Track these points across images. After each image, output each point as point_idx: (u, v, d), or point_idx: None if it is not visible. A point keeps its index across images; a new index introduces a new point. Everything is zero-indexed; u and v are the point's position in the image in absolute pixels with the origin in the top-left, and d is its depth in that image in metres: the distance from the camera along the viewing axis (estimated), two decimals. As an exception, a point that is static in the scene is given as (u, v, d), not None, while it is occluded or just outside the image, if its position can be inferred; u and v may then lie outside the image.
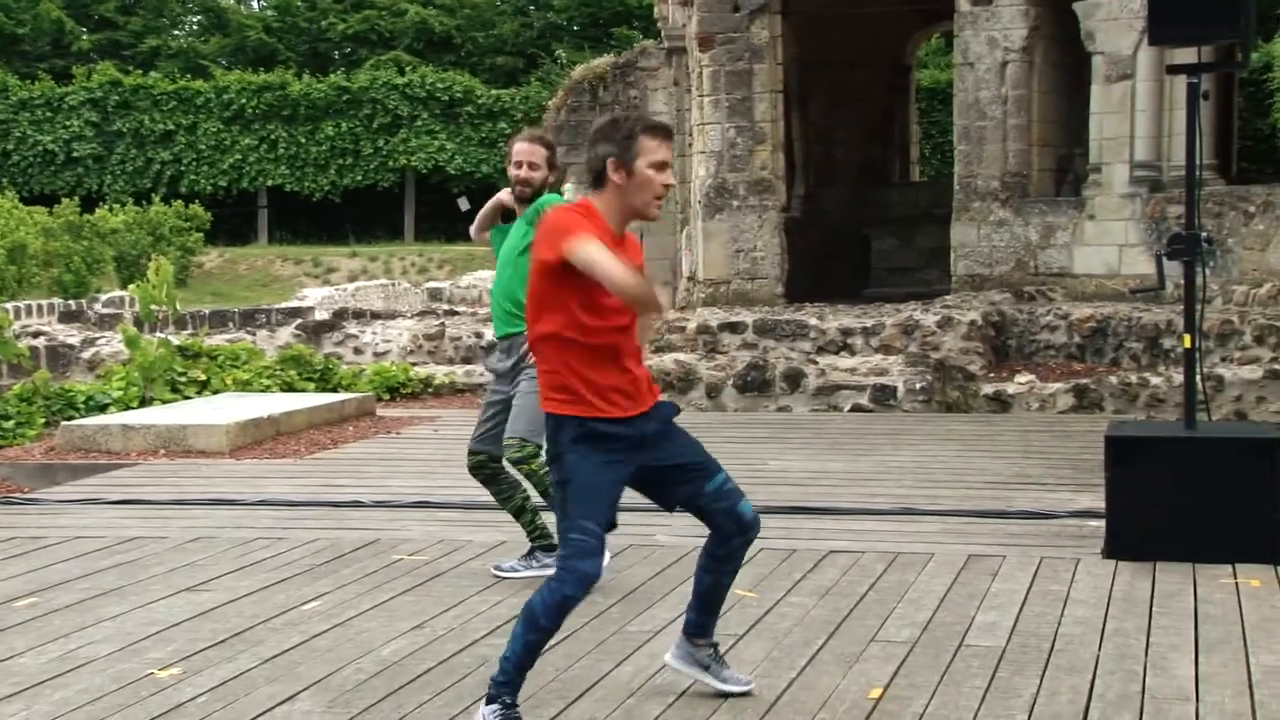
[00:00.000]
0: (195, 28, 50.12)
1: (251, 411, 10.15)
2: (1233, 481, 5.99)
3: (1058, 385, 10.96)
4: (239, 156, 40.97)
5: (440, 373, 12.68)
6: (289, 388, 11.88)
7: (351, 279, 31.92)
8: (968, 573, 5.90)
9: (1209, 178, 14.60)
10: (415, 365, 13.00)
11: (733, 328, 12.76)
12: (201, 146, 40.96)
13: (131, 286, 14.14)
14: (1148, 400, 10.48)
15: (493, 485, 6.12)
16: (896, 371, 11.09)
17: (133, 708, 4.43)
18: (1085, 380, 10.98)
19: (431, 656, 4.91)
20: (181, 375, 11.58)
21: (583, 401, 4.08)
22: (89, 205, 34.84)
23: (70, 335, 14.47)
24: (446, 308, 18.32)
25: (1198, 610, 5.30)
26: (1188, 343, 6.28)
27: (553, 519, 5.49)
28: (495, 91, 41.67)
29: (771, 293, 15.83)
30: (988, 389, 11.04)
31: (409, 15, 45.85)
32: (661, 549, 6.29)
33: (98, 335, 14.46)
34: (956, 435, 9.68)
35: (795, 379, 11.15)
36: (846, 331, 12.55)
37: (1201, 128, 6.23)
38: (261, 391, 11.66)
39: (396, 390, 12.33)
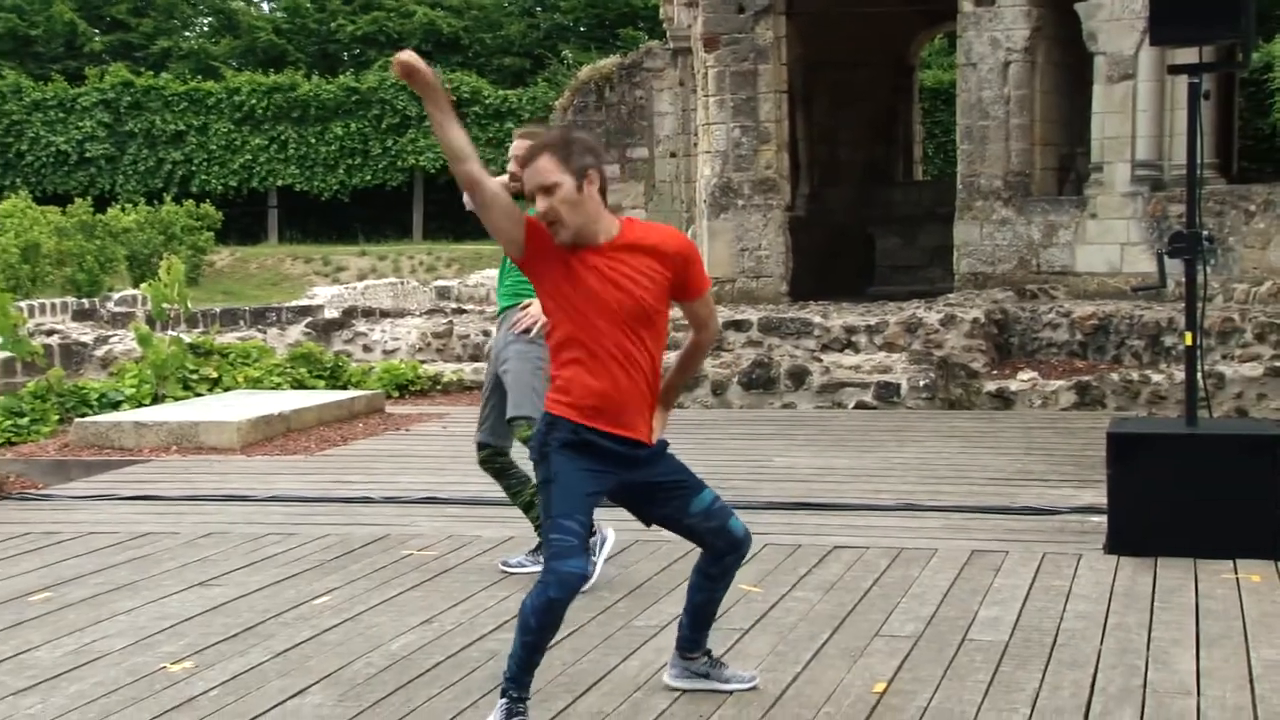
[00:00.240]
0: (206, 29, 50.16)
1: (262, 409, 10.16)
2: (1233, 478, 5.98)
3: (1060, 382, 10.94)
4: (249, 156, 41.01)
5: (448, 370, 12.69)
6: (299, 385, 11.90)
7: (361, 277, 31.91)
8: (971, 568, 5.90)
9: (1210, 177, 14.58)
10: (424, 363, 13.00)
11: (738, 326, 12.76)
12: (212, 147, 41.00)
13: (144, 285, 14.16)
14: (1149, 397, 10.47)
15: (502, 479, 6.07)
16: (900, 369, 11.08)
17: (146, 701, 4.44)
18: (1087, 378, 10.96)
19: (440, 651, 4.92)
20: (193, 373, 11.60)
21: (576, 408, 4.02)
22: (101, 205, 34.88)
23: (83, 333, 14.49)
24: (454, 306, 18.30)
25: (1199, 605, 5.29)
26: (1189, 340, 6.28)
27: None
28: (503, 92, 41.67)
29: (776, 291, 15.83)
30: (990, 386, 11.04)
31: (417, 16, 45.88)
32: (667, 544, 6.28)
33: (110, 333, 14.48)
34: (959, 432, 9.68)
35: (800, 376, 11.14)
36: (851, 329, 12.54)
37: (1202, 127, 6.22)
38: (272, 389, 11.67)
39: (405, 388, 12.34)
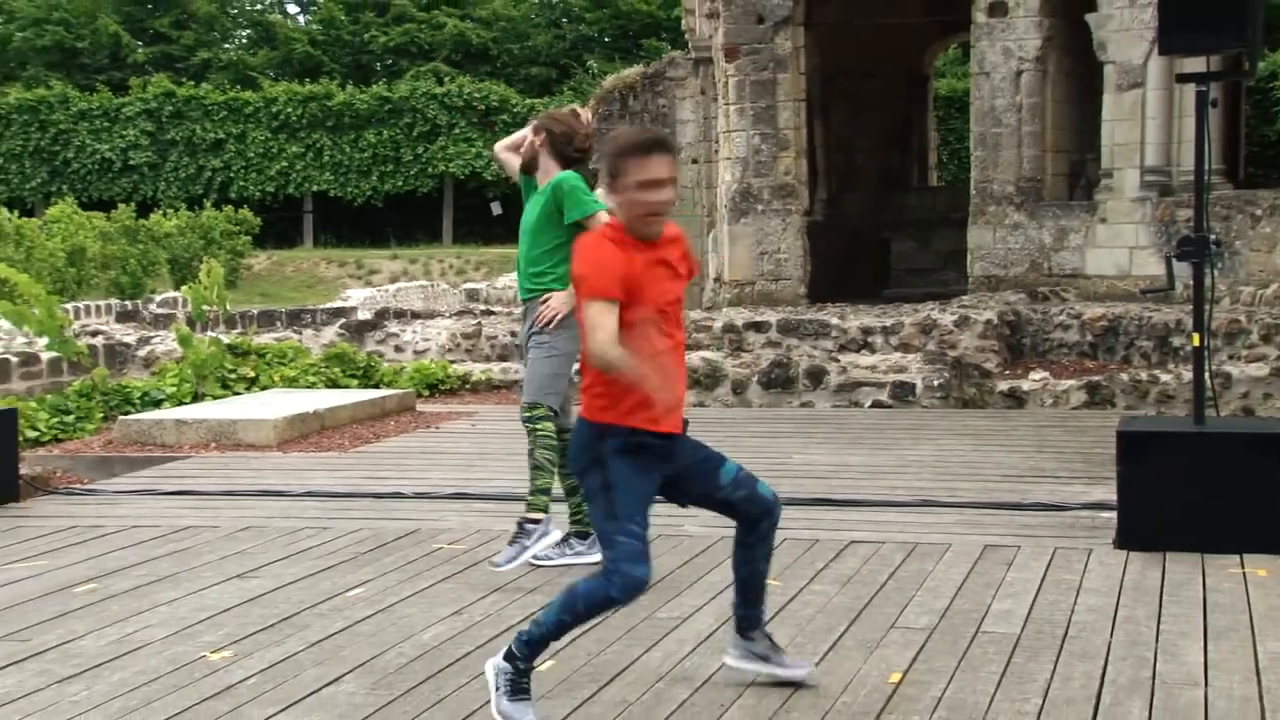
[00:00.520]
0: (245, 41, 50.38)
1: (298, 407, 10.18)
2: (1240, 475, 5.95)
3: (1071, 382, 10.90)
4: (286, 164, 41.15)
5: (477, 370, 12.71)
6: (333, 384, 11.93)
7: (392, 280, 31.99)
8: (984, 562, 5.88)
9: (1217, 182, 14.52)
10: (453, 363, 13.02)
11: (757, 327, 12.75)
12: (250, 154, 41.16)
13: (184, 288, 14.24)
14: (1158, 397, 10.42)
15: (562, 458, 5.91)
16: (915, 369, 11.05)
17: (187, 689, 4.46)
18: (1097, 377, 10.91)
19: (470, 641, 4.92)
20: (231, 372, 11.64)
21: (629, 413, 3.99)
22: (144, 210, 35.05)
23: (127, 334, 14.56)
24: (483, 308, 18.34)
25: (1206, 599, 5.26)
26: (1196, 341, 6.24)
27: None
28: (530, 100, 41.72)
29: (795, 293, 15.81)
30: (1003, 386, 11.00)
31: (447, 28, 45.98)
32: (690, 539, 6.29)
33: (152, 334, 14.55)
34: (973, 430, 9.65)
35: (818, 376, 11.12)
36: (867, 330, 12.52)
37: (1210, 134, 6.19)
38: (307, 388, 11.70)
39: (435, 387, 12.36)
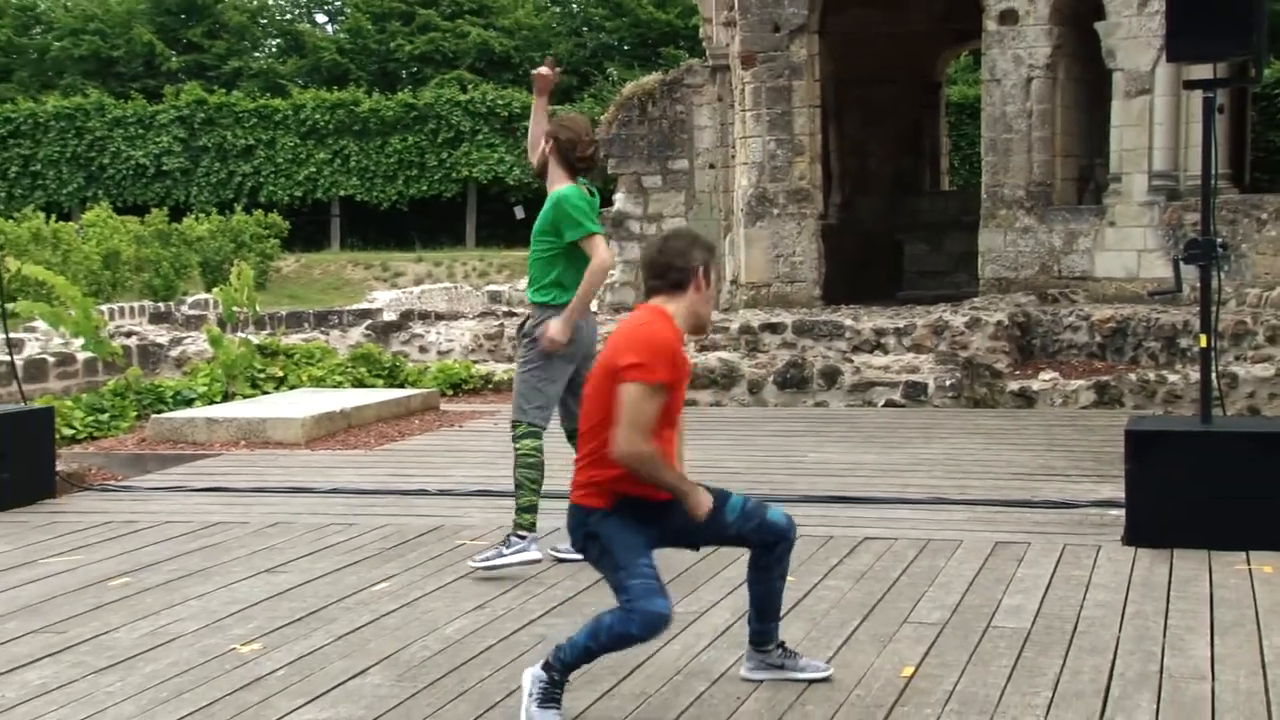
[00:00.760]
0: (274, 50, 50.53)
1: (325, 406, 10.21)
2: (1246, 473, 5.92)
3: (1080, 382, 10.86)
4: (314, 169, 41.26)
5: (500, 370, 12.71)
6: (359, 384, 11.95)
7: (417, 282, 32.05)
8: (995, 559, 5.86)
9: (1223, 187, 14.44)
10: (476, 363, 13.04)
11: (773, 328, 12.73)
12: (279, 160, 41.28)
13: (215, 290, 14.30)
14: (1165, 396, 10.37)
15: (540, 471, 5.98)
16: (927, 369, 11.03)
17: (217, 680, 4.48)
18: (1106, 378, 10.87)
19: (492, 634, 4.93)
20: (261, 372, 11.67)
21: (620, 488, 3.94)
22: (177, 215, 35.18)
23: (159, 335, 14.61)
24: (505, 309, 18.37)
25: (1213, 595, 5.24)
26: (1203, 342, 6.22)
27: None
28: (551, 107, 41.54)
29: (809, 295, 15.78)
30: (1013, 386, 10.96)
31: (471, 37, 46.05)
32: (706, 535, 6.28)
33: (184, 335, 14.60)
34: (984, 429, 9.62)
35: (832, 376, 11.10)
36: (880, 332, 12.49)
37: (1216, 140, 6.16)
38: (334, 387, 11.73)
39: (459, 386, 12.37)
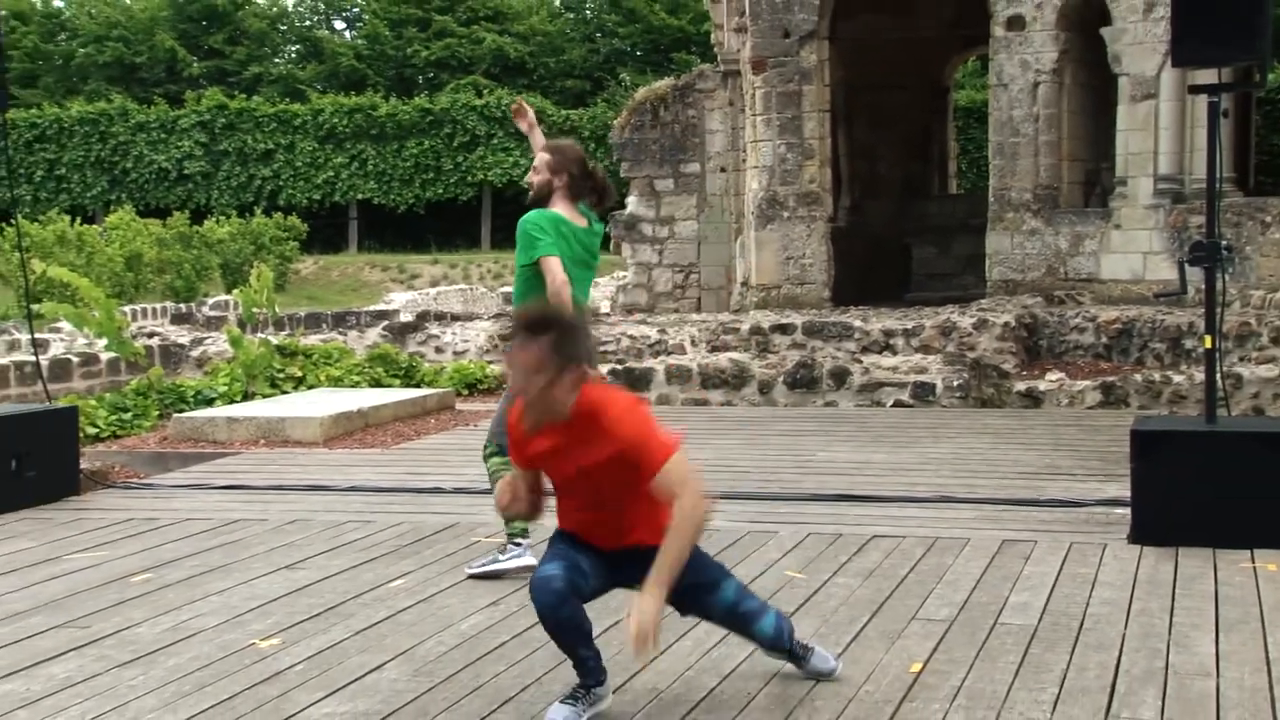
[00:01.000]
0: (294, 56, 50.67)
1: (343, 405, 10.22)
2: (1251, 473, 5.90)
3: (1086, 383, 10.83)
4: (332, 173, 41.37)
5: (514, 370, 12.71)
6: (377, 384, 11.97)
7: (433, 284, 32.12)
8: (1002, 556, 5.85)
9: (1228, 190, 14.41)
10: (491, 363, 13.05)
11: (783, 329, 12.72)
12: (298, 164, 41.40)
13: (235, 291, 14.34)
14: (1170, 397, 10.34)
15: None
16: (935, 370, 11.01)
17: (237, 674, 4.48)
18: (1112, 378, 10.84)
19: (507, 630, 4.93)
20: (280, 372, 11.70)
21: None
22: (198, 217, 35.31)
23: (181, 336, 14.65)
24: (520, 310, 18.37)
25: (1218, 592, 5.22)
26: (1208, 343, 6.20)
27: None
28: (565, 111, 41.82)
29: (819, 297, 15.78)
30: (1020, 386, 10.94)
31: (486, 43, 46.13)
32: (718, 533, 6.27)
33: (205, 335, 14.63)
34: (991, 429, 9.60)
35: (841, 376, 11.09)
36: (889, 333, 12.48)
37: (1221, 144, 6.14)
38: (352, 387, 11.75)
39: (474, 386, 12.39)
